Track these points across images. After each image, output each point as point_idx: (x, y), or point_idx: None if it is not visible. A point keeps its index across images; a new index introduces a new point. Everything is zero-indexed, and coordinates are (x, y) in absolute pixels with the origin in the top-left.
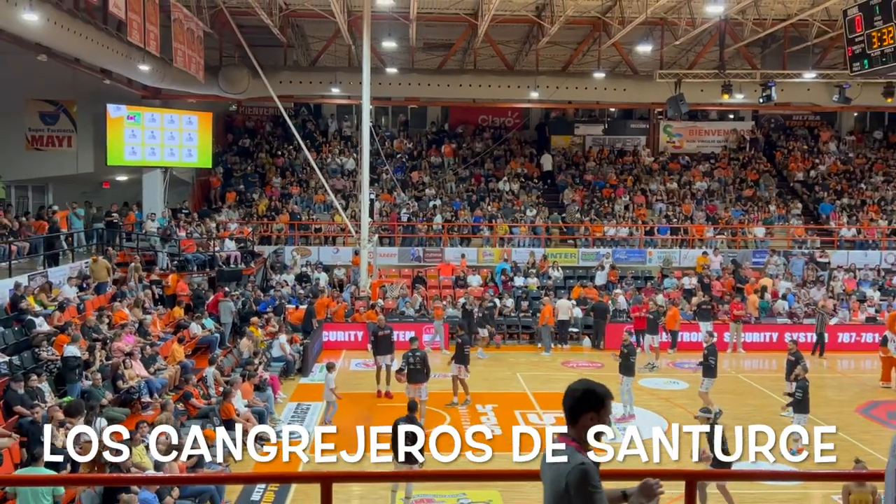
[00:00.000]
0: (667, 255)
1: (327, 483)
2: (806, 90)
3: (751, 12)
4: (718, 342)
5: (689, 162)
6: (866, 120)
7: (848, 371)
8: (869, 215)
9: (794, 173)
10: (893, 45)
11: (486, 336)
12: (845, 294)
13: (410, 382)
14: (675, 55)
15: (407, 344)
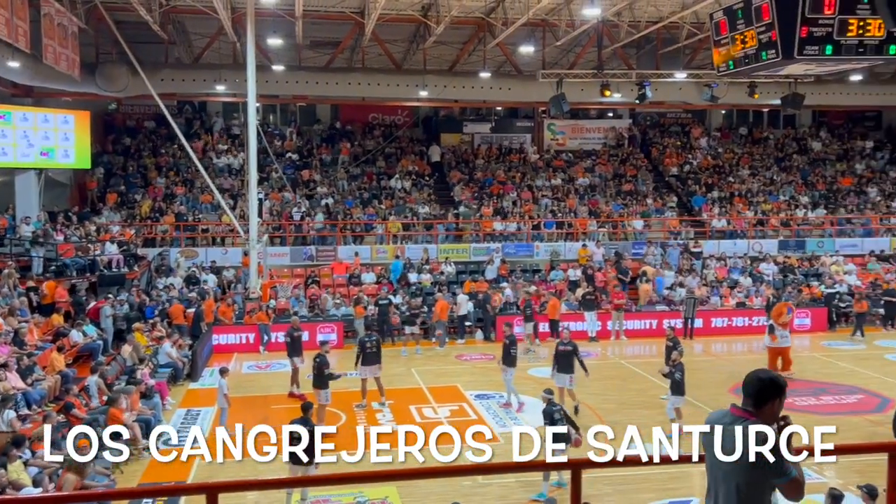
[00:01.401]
0: (553, 248)
1: (213, 494)
2: (678, 89)
3: (626, 15)
4: (602, 331)
5: (573, 159)
6: (733, 117)
7: (721, 353)
8: (737, 207)
9: (669, 168)
10: (755, 47)
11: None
12: (717, 281)
13: (365, 365)
14: (556, 56)
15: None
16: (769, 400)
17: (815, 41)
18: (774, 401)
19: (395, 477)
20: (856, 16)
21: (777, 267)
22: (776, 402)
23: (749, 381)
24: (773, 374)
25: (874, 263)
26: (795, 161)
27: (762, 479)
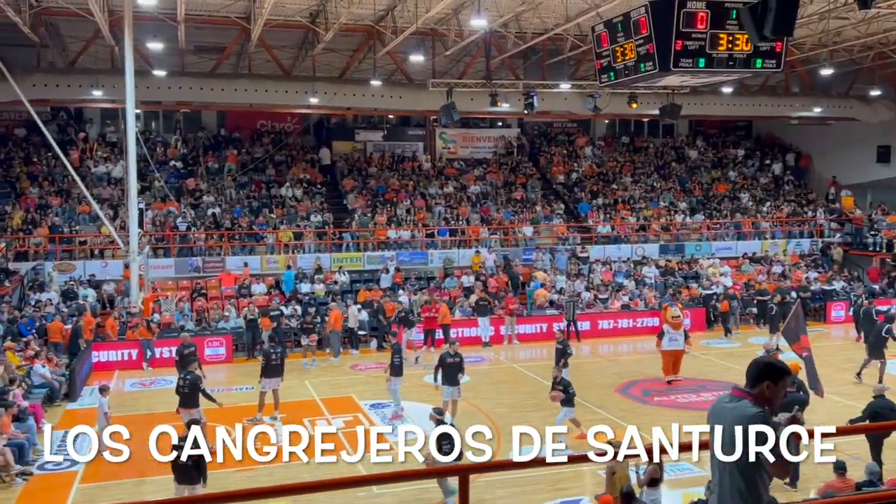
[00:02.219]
0: (447, 255)
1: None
2: (564, 99)
3: (512, 26)
4: (495, 335)
5: (464, 167)
6: (616, 126)
7: (608, 354)
8: (621, 213)
9: (556, 176)
10: (634, 59)
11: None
12: (603, 284)
13: (267, 377)
14: (446, 65)
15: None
16: (761, 381)
17: (689, 54)
18: (766, 382)
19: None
20: (725, 31)
21: (658, 270)
22: (768, 384)
23: (749, 366)
24: (770, 359)
25: (747, 265)
26: (674, 169)
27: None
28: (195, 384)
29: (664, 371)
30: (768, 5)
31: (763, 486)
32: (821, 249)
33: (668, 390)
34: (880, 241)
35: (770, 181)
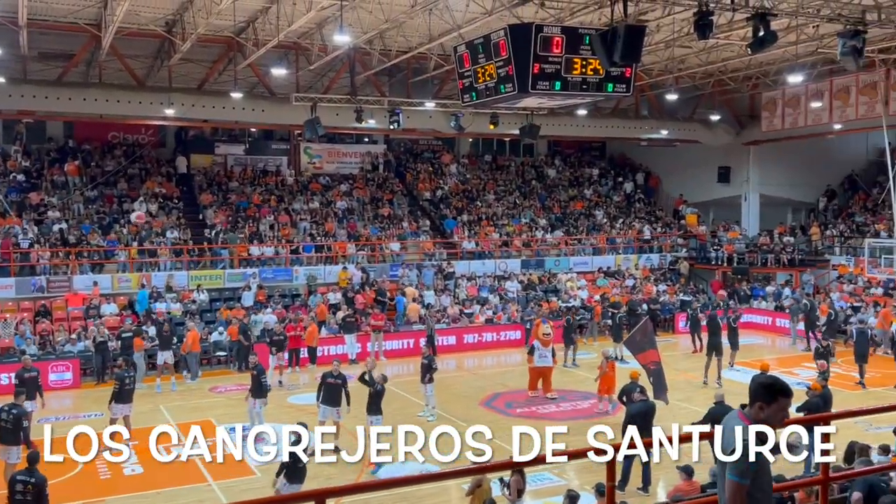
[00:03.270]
0: (311, 272)
1: None
2: (428, 117)
3: (377, 43)
4: (362, 352)
5: (330, 182)
6: (479, 145)
7: (472, 368)
8: (485, 229)
9: (423, 193)
10: (495, 81)
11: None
12: (469, 299)
13: (119, 403)
14: (310, 79)
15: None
16: (753, 402)
17: (546, 77)
18: (758, 403)
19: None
20: (580, 56)
21: (520, 284)
22: (760, 405)
23: (750, 383)
24: (767, 377)
25: (602, 279)
26: (534, 187)
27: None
28: (18, 420)
29: (530, 387)
30: (617, 33)
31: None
32: (669, 264)
33: (530, 402)
34: (722, 255)
35: (622, 199)
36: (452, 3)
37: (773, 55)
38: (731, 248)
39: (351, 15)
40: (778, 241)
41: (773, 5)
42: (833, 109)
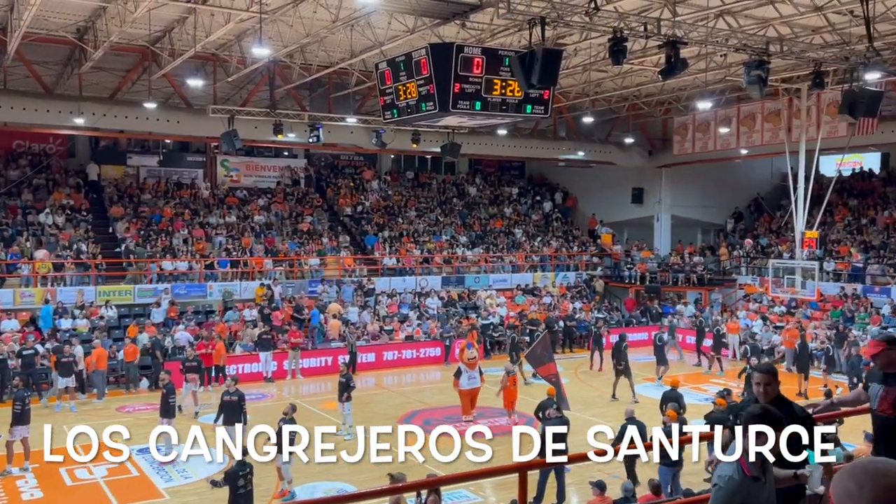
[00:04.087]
0: (227, 288)
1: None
2: (350, 133)
3: (298, 57)
4: (278, 370)
5: (248, 196)
6: (401, 161)
7: (391, 385)
8: (406, 246)
9: (344, 208)
10: (416, 99)
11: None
12: (389, 316)
13: (17, 425)
14: (228, 91)
15: None
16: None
17: (466, 97)
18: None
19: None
20: (499, 77)
21: (441, 301)
22: (747, 436)
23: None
24: (766, 410)
25: (521, 296)
26: (455, 204)
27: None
28: None
29: (463, 412)
30: (535, 56)
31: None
32: (584, 281)
33: (448, 418)
34: (635, 273)
35: (541, 218)
36: (374, 20)
37: (684, 81)
38: (643, 267)
39: (271, 28)
40: (688, 261)
41: (684, 34)
42: (740, 135)
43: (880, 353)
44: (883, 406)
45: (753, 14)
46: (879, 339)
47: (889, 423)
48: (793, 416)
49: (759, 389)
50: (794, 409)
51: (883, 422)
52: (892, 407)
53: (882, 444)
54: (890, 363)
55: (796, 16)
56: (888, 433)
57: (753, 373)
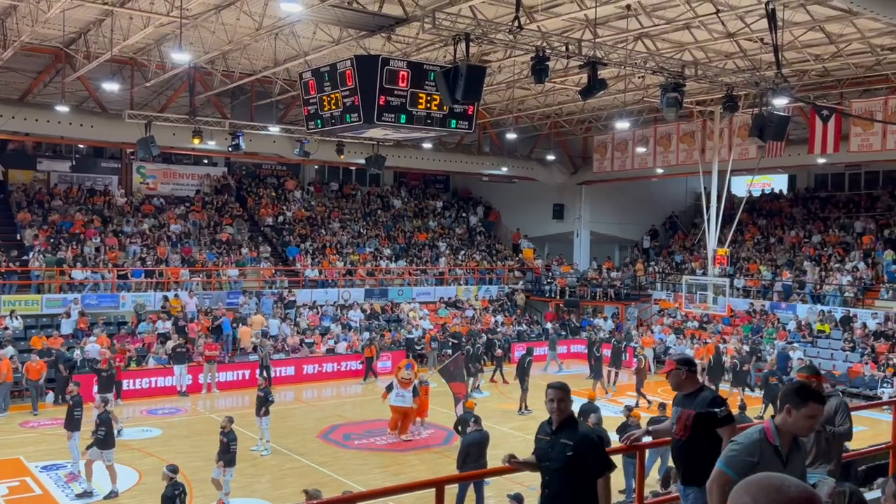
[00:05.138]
0: (141, 298)
1: None
2: (272, 142)
3: (219, 64)
4: (192, 384)
5: (164, 204)
6: (325, 172)
7: (311, 399)
8: (328, 257)
9: (265, 218)
10: (340, 110)
11: None
12: (310, 328)
13: None
14: (146, 96)
15: None
16: (784, 405)
17: (391, 110)
18: (787, 405)
19: None
20: (425, 91)
21: (363, 314)
22: (790, 408)
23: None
24: (798, 382)
25: (444, 309)
26: (380, 216)
27: None
28: None
29: (390, 427)
30: (459, 72)
31: None
32: (506, 295)
33: (368, 433)
34: (555, 288)
35: (465, 232)
36: (299, 29)
37: (604, 101)
38: (563, 282)
39: (192, 33)
40: (606, 276)
41: (604, 55)
42: (657, 155)
43: (670, 372)
44: (678, 428)
45: (670, 38)
46: (672, 359)
47: (679, 444)
48: (576, 436)
49: (552, 406)
50: (582, 429)
51: (675, 444)
52: (684, 428)
53: (680, 468)
54: (680, 384)
55: (710, 41)
56: (680, 454)
57: (547, 389)
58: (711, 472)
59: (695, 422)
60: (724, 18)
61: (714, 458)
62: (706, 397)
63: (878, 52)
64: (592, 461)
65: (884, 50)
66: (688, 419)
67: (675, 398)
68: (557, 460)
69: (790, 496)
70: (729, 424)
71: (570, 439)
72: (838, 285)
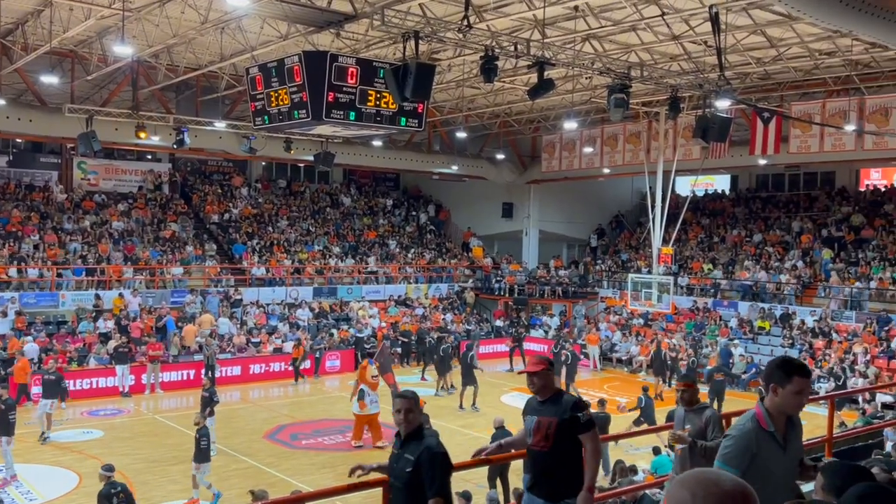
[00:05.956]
0: (80, 297)
1: None
2: (218, 138)
3: (164, 58)
4: (136, 384)
5: (106, 201)
6: (273, 169)
7: (258, 399)
8: (276, 255)
9: (210, 215)
10: (288, 106)
11: None
12: (257, 327)
13: None
14: (88, 90)
15: None
16: (769, 385)
17: (340, 106)
18: (772, 385)
19: None
20: (374, 88)
21: (312, 312)
22: (775, 387)
23: None
24: (780, 358)
25: (394, 307)
26: (329, 214)
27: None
28: None
29: (354, 437)
30: (409, 69)
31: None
32: (456, 293)
33: (316, 433)
34: (504, 286)
35: (415, 230)
36: (246, 24)
37: (552, 101)
38: (512, 280)
39: (135, 26)
40: (554, 274)
41: (552, 55)
42: (603, 155)
43: (539, 373)
44: (537, 438)
45: (617, 40)
46: (540, 359)
47: (542, 457)
48: (418, 450)
49: (399, 417)
50: (427, 441)
51: (537, 456)
52: (545, 438)
53: (543, 482)
54: (545, 387)
55: (656, 43)
56: (543, 467)
57: (394, 399)
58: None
59: (557, 430)
60: (669, 21)
61: (578, 467)
62: (568, 402)
63: (816, 57)
64: (426, 479)
65: (821, 54)
66: (549, 427)
67: (528, 405)
68: (399, 477)
69: (726, 489)
70: (591, 430)
71: (413, 454)
72: (777, 284)
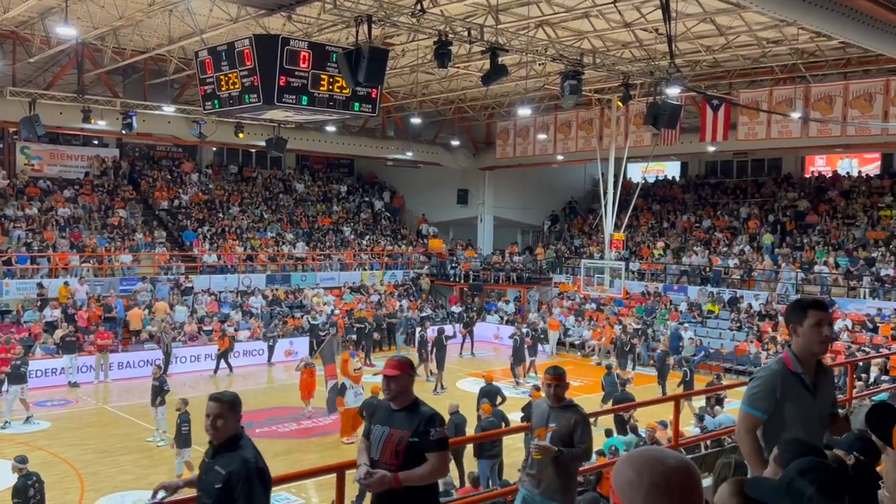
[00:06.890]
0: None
1: None
2: (167, 123)
3: (110, 40)
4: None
5: (51, 187)
6: (223, 155)
7: (211, 389)
8: (228, 242)
9: (160, 202)
10: (239, 90)
11: None
12: (209, 316)
13: None
14: (30, 73)
15: None
16: (789, 326)
17: (292, 91)
18: (791, 326)
19: None
20: (327, 72)
21: (265, 300)
22: (794, 327)
23: None
24: (792, 300)
25: (349, 294)
26: (282, 200)
27: None
28: None
29: (343, 433)
30: (362, 54)
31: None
32: (411, 280)
33: (270, 420)
34: (460, 272)
35: (370, 216)
36: (195, 6)
37: (506, 88)
38: (467, 266)
39: (80, 7)
40: (509, 260)
41: (506, 41)
42: (557, 142)
43: (400, 376)
44: (385, 455)
45: (570, 26)
46: (399, 359)
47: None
48: (232, 463)
49: (207, 422)
50: (245, 454)
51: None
52: (394, 455)
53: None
54: (402, 394)
55: (608, 30)
56: (387, 491)
57: (209, 402)
58: (737, 422)
59: (408, 447)
60: (621, 8)
61: (431, 493)
62: (426, 414)
63: (764, 45)
64: (240, 498)
65: (769, 43)
66: (399, 443)
67: (378, 413)
68: (208, 492)
69: (670, 466)
70: (443, 451)
71: (225, 467)
72: (725, 268)
